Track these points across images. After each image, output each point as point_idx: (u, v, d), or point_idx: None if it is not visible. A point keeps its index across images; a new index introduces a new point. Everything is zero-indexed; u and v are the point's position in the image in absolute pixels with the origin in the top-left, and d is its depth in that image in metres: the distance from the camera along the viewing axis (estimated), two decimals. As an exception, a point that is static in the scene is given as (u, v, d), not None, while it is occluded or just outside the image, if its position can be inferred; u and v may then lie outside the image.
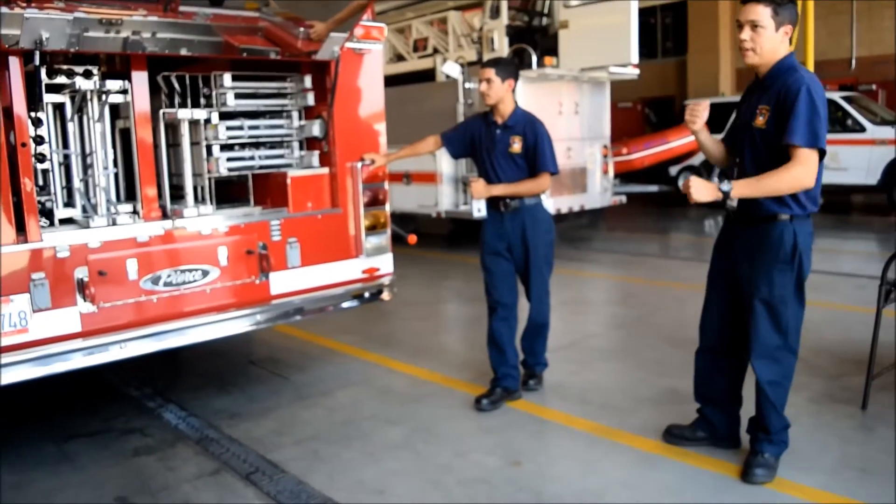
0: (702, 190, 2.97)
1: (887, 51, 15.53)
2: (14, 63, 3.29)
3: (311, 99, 4.34)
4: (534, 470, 3.39)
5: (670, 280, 7.51)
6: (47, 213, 3.57)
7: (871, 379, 3.88)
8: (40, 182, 3.58)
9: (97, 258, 3.46)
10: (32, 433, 3.98)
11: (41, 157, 3.46)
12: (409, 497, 3.17)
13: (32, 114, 3.41)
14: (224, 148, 4.09)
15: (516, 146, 4.05)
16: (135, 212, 3.77)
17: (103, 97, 3.62)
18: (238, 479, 3.38)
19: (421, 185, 9.56)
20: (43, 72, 3.38)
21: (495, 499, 3.12)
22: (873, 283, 4.09)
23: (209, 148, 4.04)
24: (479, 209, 4.10)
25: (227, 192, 4.37)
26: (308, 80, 4.33)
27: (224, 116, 4.09)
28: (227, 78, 4.02)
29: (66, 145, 3.71)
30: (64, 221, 3.64)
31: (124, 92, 3.67)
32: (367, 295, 4.52)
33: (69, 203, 3.72)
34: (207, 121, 3.99)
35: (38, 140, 3.45)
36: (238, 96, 4.09)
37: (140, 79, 3.74)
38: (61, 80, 3.52)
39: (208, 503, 3.18)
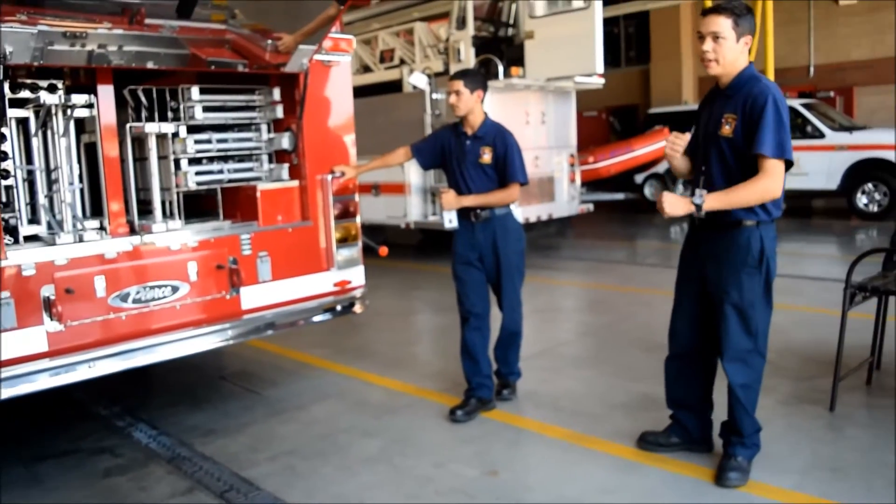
0: (675, 204, 3.05)
1: (844, 58, 15.94)
2: (-24, 78, 3.23)
3: (279, 111, 4.32)
4: (511, 479, 3.39)
5: (639, 286, 7.60)
6: (11, 231, 3.50)
7: (839, 380, 3.95)
8: (3, 199, 3.50)
9: (64, 275, 3.39)
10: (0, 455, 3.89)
11: (4, 174, 3.40)
12: (387, 510, 3.16)
13: (-5, 129, 3.35)
14: (192, 162, 4.05)
15: (486, 157, 4.07)
16: (102, 228, 3.71)
17: (68, 111, 3.57)
18: (212, 497, 3.32)
19: (389, 196, 9.56)
20: (6, 86, 3.32)
21: (474, 509, 3.13)
22: (837, 286, 4.18)
23: (177, 162, 3.99)
24: (450, 220, 4.11)
25: (196, 207, 4.33)
26: (277, 93, 4.31)
27: (192, 130, 4.05)
28: (194, 91, 3.98)
29: (29, 161, 3.64)
30: (28, 238, 3.57)
31: (90, 106, 3.61)
32: (339, 308, 4.50)
33: (33, 220, 3.65)
34: (175, 134, 3.95)
35: (1, 156, 3.38)
36: (206, 109, 4.06)
37: (106, 92, 3.69)
38: (25, 94, 3.45)
39: (182, 523, 3.14)
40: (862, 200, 11.47)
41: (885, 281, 4.08)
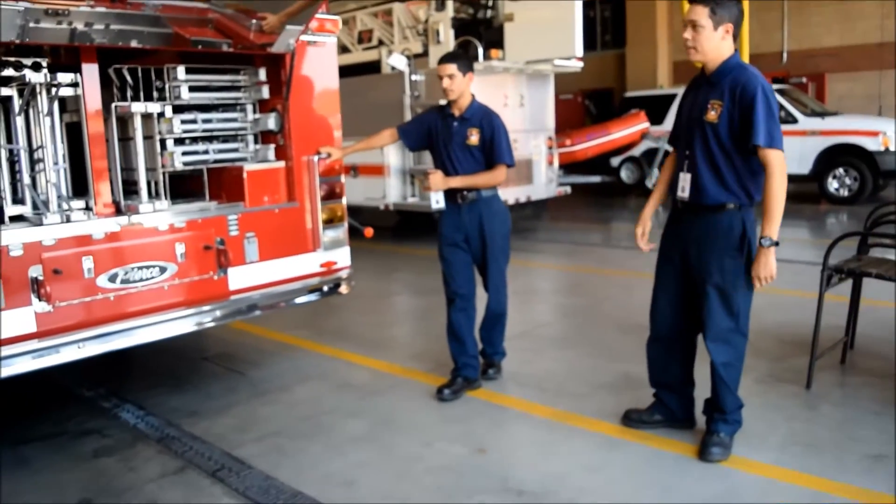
0: (767, 266, 3.13)
1: (816, 45, 16.18)
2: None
3: (265, 92, 4.29)
4: (498, 456, 3.46)
5: (616, 268, 7.70)
6: (-4, 211, 3.47)
7: (815, 360, 4.07)
8: (-13, 179, 3.47)
9: (52, 256, 3.37)
10: (-18, 438, 3.86)
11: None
12: (379, 487, 3.20)
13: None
14: (178, 142, 4.02)
15: (473, 138, 4.10)
16: (87, 208, 3.67)
17: (53, 90, 3.52)
18: (204, 476, 3.35)
19: (368, 178, 9.54)
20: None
21: (463, 486, 3.18)
22: (809, 269, 4.30)
23: (163, 142, 3.96)
24: (437, 201, 4.14)
25: (179, 187, 4.30)
26: (262, 73, 4.28)
27: (177, 109, 4.02)
28: (180, 70, 3.95)
29: (10, 140, 3.59)
30: (14, 219, 3.53)
31: (75, 85, 3.57)
32: (325, 288, 4.51)
33: (16, 200, 3.61)
34: (161, 114, 3.92)
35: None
36: (192, 89, 4.02)
37: (91, 71, 3.65)
38: (9, 72, 3.40)
39: (176, 502, 3.15)
40: (833, 185, 11.70)
41: (860, 263, 4.20)
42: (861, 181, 11.44)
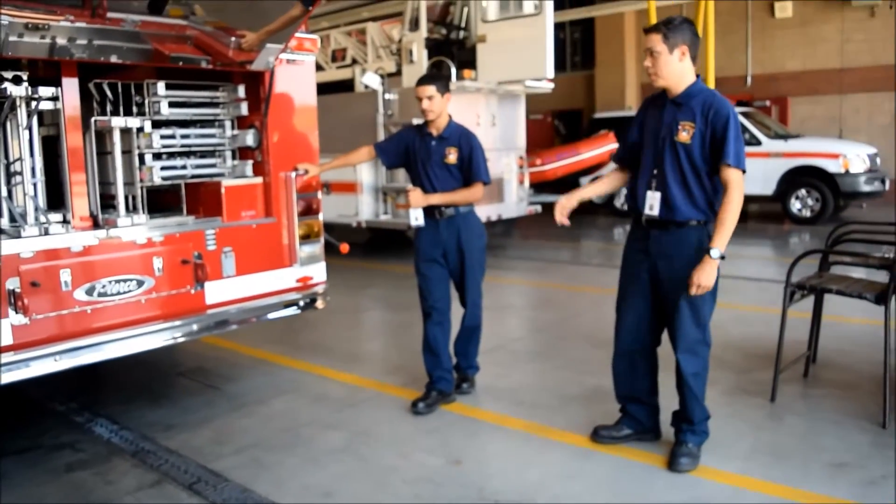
0: (710, 275, 3.25)
1: (779, 69, 16.63)
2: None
3: (244, 108, 4.34)
4: (474, 467, 3.52)
5: (585, 285, 7.83)
6: (-27, 224, 3.46)
7: (779, 373, 4.20)
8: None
9: (29, 268, 3.37)
10: (-47, 453, 3.82)
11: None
12: (357, 498, 3.24)
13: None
14: (156, 157, 4.05)
15: (452, 157, 4.19)
16: (65, 221, 3.68)
17: (33, 104, 3.53)
18: (181, 489, 3.35)
19: (341, 195, 9.59)
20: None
21: (441, 496, 3.23)
22: (772, 286, 4.44)
23: (141, 157, 3.99)
24: (416, 218, 4.21)
25: (157, 202, 4.32)
26: (241, 90, 4.33)
27: (156, 125, 4.05)
28: (160, 86, 3.98)
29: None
30: (-9, 231, 3.53)
31: (55, 99, 3.59)
32: (301, 303, 4.55)
33: (-7, 213, 3.61)
34: (140, 129, 3.94)
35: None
36: (171, 105, 4.06)
37: (70, 85, 3.67)
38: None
39: (152, 514, 3.16)
40: (795, 206, 11.99)
41: (821, 280, 4.35)
42: (822, 202, 11.75)
